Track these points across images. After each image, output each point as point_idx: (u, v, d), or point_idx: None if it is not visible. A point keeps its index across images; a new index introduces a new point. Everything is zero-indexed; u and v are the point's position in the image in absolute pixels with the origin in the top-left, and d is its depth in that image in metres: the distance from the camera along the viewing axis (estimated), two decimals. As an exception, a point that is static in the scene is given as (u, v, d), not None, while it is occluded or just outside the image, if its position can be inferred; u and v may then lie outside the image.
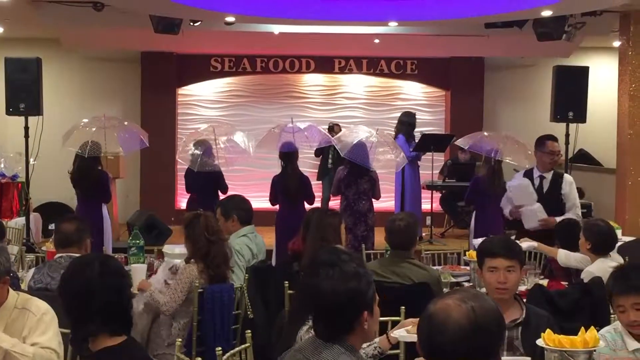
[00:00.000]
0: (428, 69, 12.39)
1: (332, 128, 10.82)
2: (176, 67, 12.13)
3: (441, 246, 8.94)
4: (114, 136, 7.83)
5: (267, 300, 5.17)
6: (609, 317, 3.86)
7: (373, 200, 7.80)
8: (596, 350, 2.94)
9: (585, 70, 9.07)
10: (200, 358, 3.75)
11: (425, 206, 10.06)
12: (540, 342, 2.94)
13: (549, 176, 6.58)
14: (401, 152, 8.04)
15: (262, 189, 8.08)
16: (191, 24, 9.29)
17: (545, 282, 4.99)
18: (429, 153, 9.61)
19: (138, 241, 5.62)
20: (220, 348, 3.43)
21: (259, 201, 8.65)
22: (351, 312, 2.39)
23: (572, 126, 8.86)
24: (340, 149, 7.71)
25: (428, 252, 6.24)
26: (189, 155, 8.07)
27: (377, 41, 10.74)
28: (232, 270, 5.11)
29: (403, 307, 3.96)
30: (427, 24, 9.82)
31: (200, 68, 12.24)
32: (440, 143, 9.79)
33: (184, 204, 9.21)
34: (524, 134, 9.44)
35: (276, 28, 10.16)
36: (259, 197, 8.64)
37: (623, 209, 9.41)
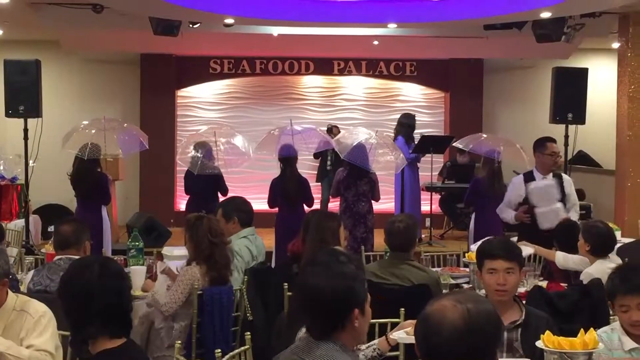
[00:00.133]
0: (427, 71, 12.39)
1: (331, 130, 10.80)
2: (175, 69, 12.13)
3: (440, 248, 8.94)
4: (114, 138, 7.82)
5: (267, 302, 5.16)
6: (609, 319, 3.86)
7: (372, 201, 7.80)
8: (596, 351, 2.94)
9: (584, 71, 9.09)
10: (199, 360, 3.75)
11: (424, 208, 10.06)
12: (539, 344, 2.94)
13: (550, 177, 6.58)
14: (400, 154, 8.03)
15: (262, 191, 8.08)
16: (190, 26, 9.30)
17: (544, 284, 4.99)
18: (429, 155, 9.61)
19: (137, 243, 5.61)
20: (219, 350, 3.43)
21: (259, 203, 8.62)
22: (342, 310, 2.41)
23: (572, 128, 8.88)
24: (339, 151, 7.71)
25: (427, 254, 6.25)
26: (190, 157, 8.06)
27: (376, 43, 10.74)
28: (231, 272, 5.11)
29: (402, 309, 3.96)
30: (426, 26, 9.81)
31: (199, 70, 12.24)
32: (439, 144, 9.79)
33: (184, 206, 9.21)
34: (523, 136, 9.47)
35: (275, 30, 10.16)
36: (259, 199, 8.62)
37: (622, 211, 9.40)
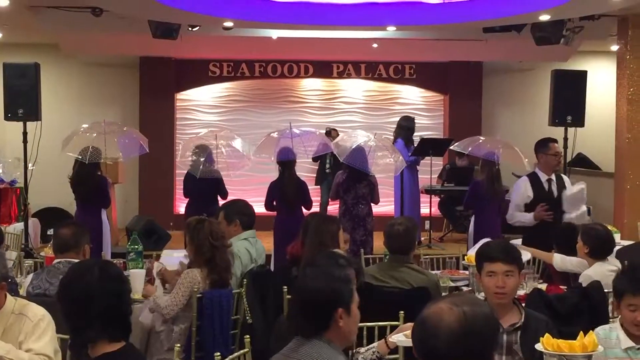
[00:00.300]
0: (426, 74, 12.39)
1: (329, 133, 10.78)
2: (174, 72, 12.13)
3: (440, 250, 8.94)
4: (114, 142, 7.80)
5: (266, 305, 5.16)
6: (608, 321, 3.87)
7: (372, 204, 7.80)
8: (595, 353, 2.94)
9: (583, 74, 9.09)
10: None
11: (424, 210, 10.06)
12: (539, 347, 2.94)
13: (554, 178, 6.59)
14: (400, 156, 8.03)
15: (261, 194, 8.07)
16: (189, 29, 9.29)
17: (544, 287, 4.99)
18: (428, 157, 9.61)
19: (137, 246, 5.61)
20: (219, 353, 3.43)
21: (258, 206, 8.61)
22: (325, 308, 2.49)
23: (571, 130, 8.88)
24: (338, 154, 7.70)
25: (427, 257, 6.26)
26: (191, 160, 8.06)
27: (376, 46, 10.74)
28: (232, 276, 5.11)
29: (402, 312, 3.96)
30: (425, 29, 9.81)
31: (198, 73, 12.23)
32: (438, 147, 9.79)
33: (183, 209, 9.21)
34: (523, 139, 9.46)
35: (274, 33, 10.16)
36: (258, 202, 8.60)
37: (621, 213, 9.40)
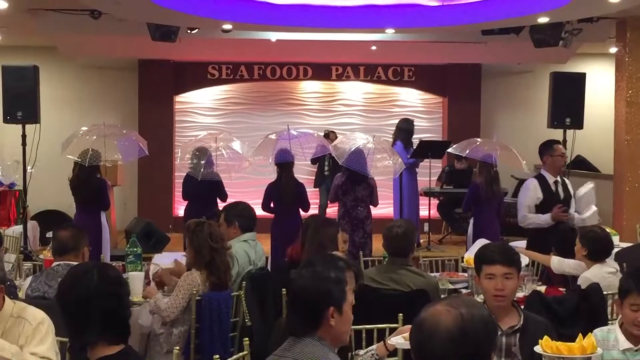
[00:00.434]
0: (425, 76, 12.40)
1: (328, 135, 10.80)
2: (173, 75, 12.13)
3: (439, 253, 8.94)
4: (114, 144, 7.80)
5: (265, 307, 5.16)
6: (607, 323, 3.87)
7: (371, 207, 7.80)
8: (594, 355, 2.94)
9: (582, 76, 9.10)
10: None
11: (423, 213, 10.06)
12: (537, 349, 2.94)
13: (560, 180, 6.60)
14: (398, 158, 8.03)
15: (260, 196, 8.07)
16: (188, 32, 9.29)
17: (542, 289, 4.99)
18: (427, 160, 9.61)
19: (136, 249, 5.61)
20: (218, 356, 3.43)
21: (257, 209, 8.62)
22: (316, 306, 2.54)
23: (569, 132, 8.89)
24: (337, 157, 7.70)
25: (426, 259, 6.25)
26: (190, 163, 8.06)
27: (374, 48, 10.74)
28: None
29: (401, 314, 3.96)
30: (424, 31, 9.81)
31: (197, 75, 12.24)
32: (437, 150, 9.80)
33: (182, 212, 9.20)
34: (521, 141, 9.48)
35: (273, 35, 10.16)
36: (257, 204, 8.61)
37: (620, 215, 9.40)
